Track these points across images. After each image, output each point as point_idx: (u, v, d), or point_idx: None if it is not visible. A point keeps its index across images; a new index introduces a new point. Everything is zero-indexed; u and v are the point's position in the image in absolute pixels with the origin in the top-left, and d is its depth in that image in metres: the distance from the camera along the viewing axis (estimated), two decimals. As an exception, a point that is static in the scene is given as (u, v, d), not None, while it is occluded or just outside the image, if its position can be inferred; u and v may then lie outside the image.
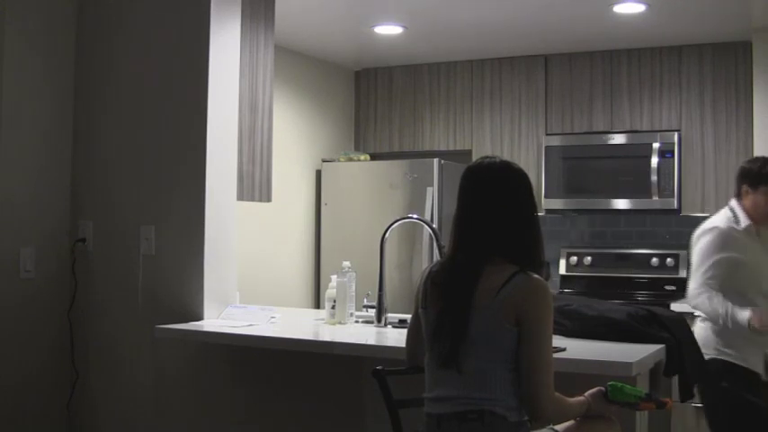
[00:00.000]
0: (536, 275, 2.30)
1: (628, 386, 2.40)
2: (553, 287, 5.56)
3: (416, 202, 5.41)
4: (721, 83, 5.21)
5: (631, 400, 2.40)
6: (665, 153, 5.23)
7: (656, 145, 5.24)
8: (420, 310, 2.46)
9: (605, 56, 5.52)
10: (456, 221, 2.43)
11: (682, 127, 5.30)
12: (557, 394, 2.28)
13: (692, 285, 3.58)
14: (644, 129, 5.39)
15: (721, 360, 3.50)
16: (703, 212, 5.25)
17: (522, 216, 2.38)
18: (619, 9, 4.58)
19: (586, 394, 2.40)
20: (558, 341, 2.84)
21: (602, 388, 2.41)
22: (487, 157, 2.48)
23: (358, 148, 6.20)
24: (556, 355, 2.49)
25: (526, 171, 2.47)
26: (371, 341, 3.21)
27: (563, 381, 2.34)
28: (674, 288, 5.42)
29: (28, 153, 3.72)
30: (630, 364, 2.55)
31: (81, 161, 3.89)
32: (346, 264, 3.64)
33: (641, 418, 2.76)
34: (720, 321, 3.46)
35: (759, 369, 3.53)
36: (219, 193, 3.64)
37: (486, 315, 2.27)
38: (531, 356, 2.24)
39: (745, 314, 3.40)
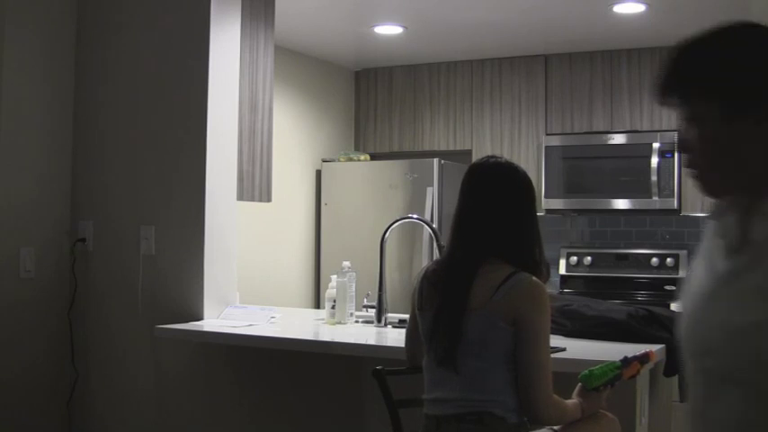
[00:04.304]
0: (533, 277, 2.30)
1: (596, 368, 2.34)
2: (553, 287, 5.55)
3: (416, 202, 5.41)
4: (721, 83, 5.21)
5: (610, 375, 2.35)
6: (665, 153, 5.23)
7: (656, 145, 5.24)
8: (417, 312, 2.46)
9: (605, 56, 5.51)
10: (455, 220, 2.43)
11: (682, 127, 5.30)
12: (555, 397, 2.28)
13: None
14: (644, 129, 5.39)
15: None
16: (703, 212, 5.25)
17: (523, 217, 2.38)
18: (619, 9, 4.58)
19: (574, 395, 2.38)
20: (557, 341, 2.84)
21: (580, 384, 2.38)
22: (491, 156, 2.48)
23: (358, 148, 6.20)
24: (556, 356, 2.49)
25: (526, 171, 2.47)
26: (371, 341, 3.21)
27: (563, 381, 2.34)
28: (674, 288, 5.41)
29: (28, 153, 3.72)
30: (630, 364, 2.54)
31: (81, 161, 3.88)
32: (346, 264, 3.64)
33: (641, 417, 2.76)
34: None
35: None
36: (219, 193, 3.64)
37: (482, 315, 2.26)
38: (529, 359, 2.23)
39: None
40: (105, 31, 3.87)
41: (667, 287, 5.45)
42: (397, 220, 3.68)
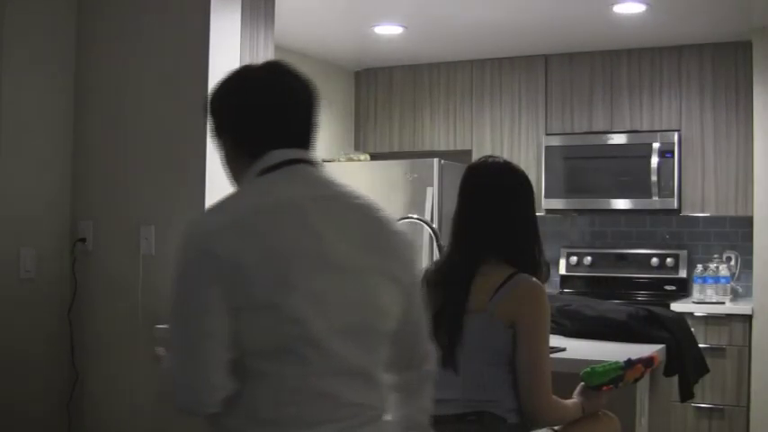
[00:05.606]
0: (533, 278, 2.30)
1: (598, 366, 2.34)
2: (553, 287, 5.56)
3: (416, 202, 5.41)
4: (721, 83, 5.21)
5: (612, 375, 2.34)
6: (665, 153, 5.24)
7: (656, 145, 5.24)
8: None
9: (605, 56, 5.51)
10: (455, 221, 2.43)
11: (682, 127, 5.30)
12: (554, 397, 2.28)
13: None
14: (644, 129, 5.39)
15: None
16: (703, 212, 5.26)
17: (521, 217, 2.38)
18: (619, 9, 4.58)
19: (575, 395, 2.38)
20: (557, 341, 2.84)
21: (583, 383, 2.38)
22: (490, 156, 2.48)
23: (358, 148, 6.20)
24: (556, 355, 2.49)
25: (526, 171, 2.47)
26: (371, 341, 3.21)
27: (563, 381, 2.34)
28: (674, 288, 5.42)
29: (28, 153, 3.72)
30: (630, 364, 2.54)
31: (81, 161, 3.88)
32: (346, 264, 3.63)
33: (641, 417, 2.76)
34: None
35: None
36: (219, 194, 3.61)
37: (482, 317, 2.27)
38: (528, 359, 2.24)
39: None
40: (105, 31, 3.86)
41: (667, 287, 5.45)
42: (397, 220, 3.68)
